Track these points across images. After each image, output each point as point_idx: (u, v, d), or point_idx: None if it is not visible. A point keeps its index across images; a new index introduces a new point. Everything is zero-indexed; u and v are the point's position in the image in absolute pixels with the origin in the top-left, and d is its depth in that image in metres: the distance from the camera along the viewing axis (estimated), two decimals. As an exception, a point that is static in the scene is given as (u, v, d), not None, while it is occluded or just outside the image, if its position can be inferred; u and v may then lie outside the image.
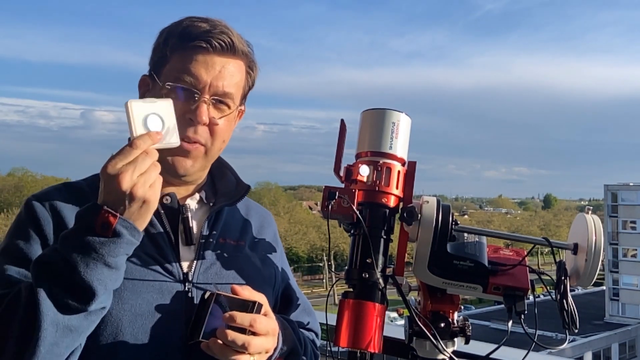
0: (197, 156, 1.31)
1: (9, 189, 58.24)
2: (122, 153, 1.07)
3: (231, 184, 1.45)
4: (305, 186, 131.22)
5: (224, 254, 1.36)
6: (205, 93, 1.28)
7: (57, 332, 1.03)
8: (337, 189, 1.15)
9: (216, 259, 1.34)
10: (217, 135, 1.32)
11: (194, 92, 1.28)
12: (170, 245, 1.30)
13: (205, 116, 1.28)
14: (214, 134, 1.31)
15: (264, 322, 1.17)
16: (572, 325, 1.11)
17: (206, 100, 1.28)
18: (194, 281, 1.29)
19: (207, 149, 1.32)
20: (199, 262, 1.31)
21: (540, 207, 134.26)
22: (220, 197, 1.41)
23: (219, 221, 1.39)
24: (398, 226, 1.19)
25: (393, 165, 1.18)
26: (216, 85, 1.28)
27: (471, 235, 1.20)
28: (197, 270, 1.30)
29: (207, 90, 1.28)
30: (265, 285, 1.37)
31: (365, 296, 1.12)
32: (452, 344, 1.20)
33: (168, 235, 1.31)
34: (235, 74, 1.32)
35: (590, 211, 1.21)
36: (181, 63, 1.29)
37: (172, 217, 1.33)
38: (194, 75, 1.27)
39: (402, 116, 1.21)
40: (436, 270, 1.15)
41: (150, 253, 1.28)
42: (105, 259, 1.04)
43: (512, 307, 1.14)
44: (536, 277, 1.23)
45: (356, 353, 1.11)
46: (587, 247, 1.13)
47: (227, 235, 1.39)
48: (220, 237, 1.37)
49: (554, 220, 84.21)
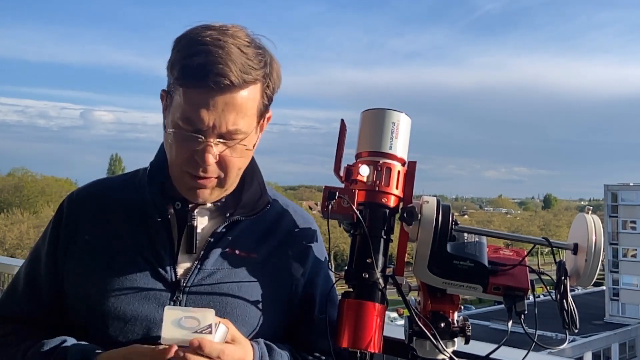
0: (213, 186, 1.29)
1: (9, 189, 58.18)
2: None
3: (255, 196, 1.40)
4: (305, 186, 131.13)
5: (228, 265, 1.32)
6: (209, 136, 1.23)
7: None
8: (337, 189, 1.15)
9: (217, 270, 1.31)
10: (230, 168, 1.28)
11: (197, 137, 1.23)
12: (170, 253, 1.30)
13: (212, 158, 1.23)
14: (226, 168, 1.28)
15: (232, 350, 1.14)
16: (572, 325, 1.11)
17: (211, 143, 1.23)
18: (187, 288, 1.27)
19: (221, 179, 1.29)
20: (196, 270, 1.29)
21: (540, 207, 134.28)
22: (240, 208, 1.37)
23: (233, 231, 1.35)
24: (398, 226, 1.19)
25: (393, 165, 1.18)
26: (220, 125, 1.22)
27: (471, 235, 1.20)
28: (192, 278, 1.28)
29: (212, 133, 1.23)
30: (270, 302, 1.34)
31: (365, 296, 1.12)
32: (452, 344, 1.20)
33: (171, 242, 1.31)
34: (242, 107, 1.24)
35: (590, 211, 1.21)
36: (183, 102, 1.23)
37: (182, 222, 1.32)
38: (195, 118, 1.21)
39: (402, 116, 1.21)
40: (436, 270, 1.15)
41: (148, 258, 1.29)
42: None
43: (512, 307, 1.14)
44: (536, 277, 1.23)
45: (356, 353, 1.11)
46: (587, 247, 1.13)
47: (237, 246, 1.34)
48: (229, 248, 1.33)
49: (554, 220, 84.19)
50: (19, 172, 65.40)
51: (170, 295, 1.27)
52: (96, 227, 1.34)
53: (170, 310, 1.13)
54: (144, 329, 1.24)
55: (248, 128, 1.27)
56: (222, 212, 1.37)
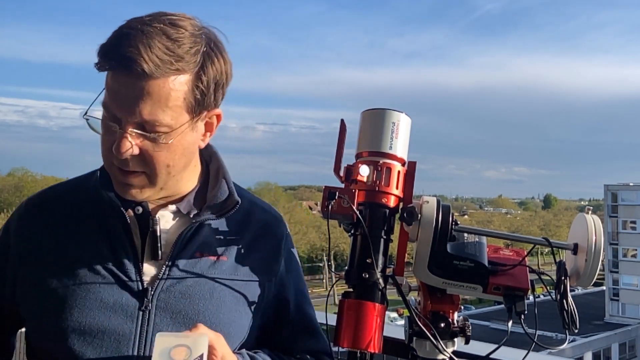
0: (141, 184, 1.19)
1: (9, 189, 58.30)
2: None
3: (222, 196, 1.30)
4: (305, 186, 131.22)
5: (198, 270, 1.25)
6: (125, 124, 1.13)
7: None
8: (337, 189, 1.15)
9: (186, 276, 1.23)
10: (154, 162, 1.17)
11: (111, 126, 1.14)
12: (133, 260, 1.22)
13: (127, 150, 1.13)
14: (150, 163, 1.17)
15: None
16: (572, 325, 1.11)
17: (126, 135, 1.13)
18: (154, 298, 1.20)
19: (149, 176, 1.19)
20: (163, 278, 1.22)
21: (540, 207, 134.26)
22: (206, 209, 1.28)
23: (199, 235, 1.27)
24: (398, 226, 1.19)
25: (393, 165, 1.18)
26: (133, 115, 1.12)
27: (471, 235, 1.20)
28: (159, 286, 1.21)
29: (127, 122, 1.13)
30: (244, 306, 1.29)
31: (365, 296, 1.12)
32: (452, 344, 1.20)
33: (134, 249, 1.22)
34: (161, 97, 1.12)
35: (590, 211, 1.21)
36: (106, 86, 1.15)
37: (143, 229, 1.24)
38: (110, 104, 1.14)
39: (402, 116, 1.21)
40: (436, 270, 1.15)
41: (110, 268, 1.21)
42: None
43: (512, 307, 1.14)
44: (536, 277, 1.23)
45: (356, 353, 1.11)
46: (587, 247, 1.13)
47: (206, 250, 1.27)
48: (197, 252, 1.26)
49: (554, 220, 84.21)
50: (19, 172, 65.49)
51: (138, 305, 1.19)
52: (52, 236, 1.25)
53: (162, 337, 1.07)
54: (114, 343, 1.17)
55: (172, 121, 1.14)
56: (187, 213, 1.28)
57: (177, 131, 1.16)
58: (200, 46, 1.16)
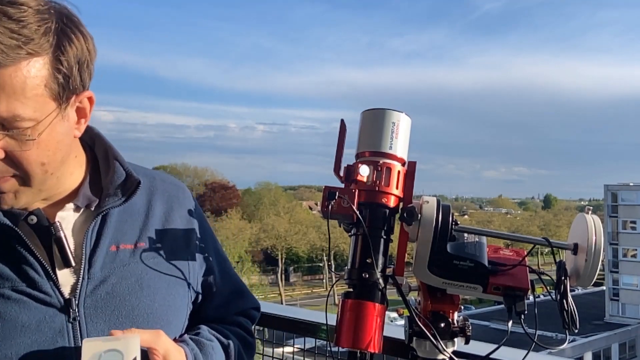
0: (14, 188, 1.05)
1: (9, 189, 58.07)
2: None
3: (120, 179, 1.20)
4: (305, 186, 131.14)
5: (118, 265, 1.17)
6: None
7: None
8: (337, 189, 1.15)
9: (108, 274, 1.15)
10: (26, 164, 1.03)
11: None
12: (44, 273, 1.10)
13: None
14: (20, 165, 1.03)
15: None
16: (572, 325, 1.11)
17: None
18: (80, 308, 1.11)
19: (22, 178, 1.05)
20: (84, 283, 1.12)
21: (540, 207, 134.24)
22: (106, 197, 1.18)
23: (107, 226, 1.17)
24: (398, 226, 1.19)
25: (393, 165, 1.18)
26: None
27: (471, 235, 1.20)
28: (82, 294, 1.12)
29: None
30: (177, 287, 1.24)
31: (365, 296, 1.12)
32: (452, 344, 1.20)
33: (40, 262, 1.10)
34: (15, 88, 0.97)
35: (590, 211, 1.20)
36: None
37: (45, 237, 1.12)
38: None
39: (402, 116, 1.21)
40: (436, 270, 1.15)
41: (19, 288, 1.08)
42: None
43: (512, 307, 1.14)
44: (536, 277, 1.23)
45: (356, 353, 1.11)
46: (587, 247, 1.13)
47: (121, 240, 1.18)
48: (111, 245, 1.17)
49: (554, 220, 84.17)
50: None
51: (65, 319, 1.10)
52: None
53: (89, 342, 1.01)
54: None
55: (35, 113, 1.00)
56: (86, 206, 1.18)
57: (43, 123, 1.02)
58: (50, 23, 1.01)
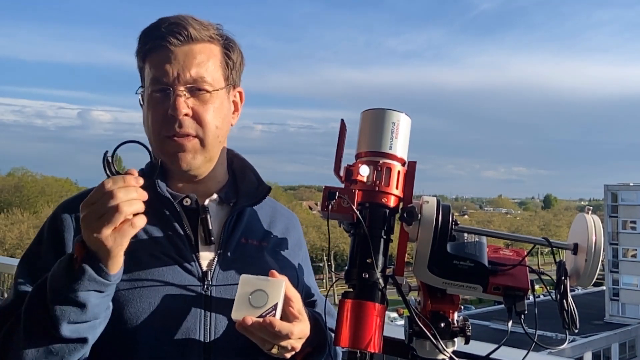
0: (194, 148, 1.32)
1: (8, 189, 58.14)
2: None
3: (252, 185, 1.45)
4: (305, 186, 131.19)
5: (245, 254, 1.36)
6: (176, 85, 1.29)
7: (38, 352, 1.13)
8: (337, 189, 1.15)
9: (237, 259, 1.34)
10: (206, 122, 1.32)
11: (166, 90, 1.29)
12: (189, 246, 1.32)
13: (183, 108, 1.29)
14: (202, 122, 1.31)
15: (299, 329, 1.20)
16: (572, 325, 1.11)
17: (180, 93, 1.29)
18: (213, 281, 1.30)
19: (201, 138, 1.33)
20: (218, 262, 1.32)
21: (540, 207, 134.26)
22: (242, 197, 1.42)
23: (241, 222, 1.39)
24: (398, 226, 1.19)
25: (393, 165, 1.18)
26: (184, 74, 1.29)
27: (471, 235, 1.20)
28: (216, 270, 1.31)
29: (178, 83, 1.29)
30: None
31: (365, 296, 1.12)
32: (452, 344, 1.20)
33: (188, 236, 1.33)
34: (204, 59, 1.32)
35: (590, 211, 1.21)
36: (150, 69, 1.32)
37: (193, 218, 1.35)
38: (161, 74, 1.29)
39: (402, 116, 1.21)
40: (436, 270, 1.15)
41: (170, 254, 1.30)
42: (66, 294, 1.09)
43: (512, 307, 1.13)
44: (536, 277, 1.23)
45: (356, 353, 1.11)
46: (587, 247, 1.13)
47: (249, 236, 1.39)
48: (242, 238, 1.38)
49: (554, 220, 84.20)
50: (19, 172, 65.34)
51: (201, 287, 1.29)
52: None
53: (245, 277, 1.20)
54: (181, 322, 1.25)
55: (214, 81, 1.34)
56: (226, 203, 1.41)
57: (218, 92, 1.34)
58: (221, 34, 1.38)
